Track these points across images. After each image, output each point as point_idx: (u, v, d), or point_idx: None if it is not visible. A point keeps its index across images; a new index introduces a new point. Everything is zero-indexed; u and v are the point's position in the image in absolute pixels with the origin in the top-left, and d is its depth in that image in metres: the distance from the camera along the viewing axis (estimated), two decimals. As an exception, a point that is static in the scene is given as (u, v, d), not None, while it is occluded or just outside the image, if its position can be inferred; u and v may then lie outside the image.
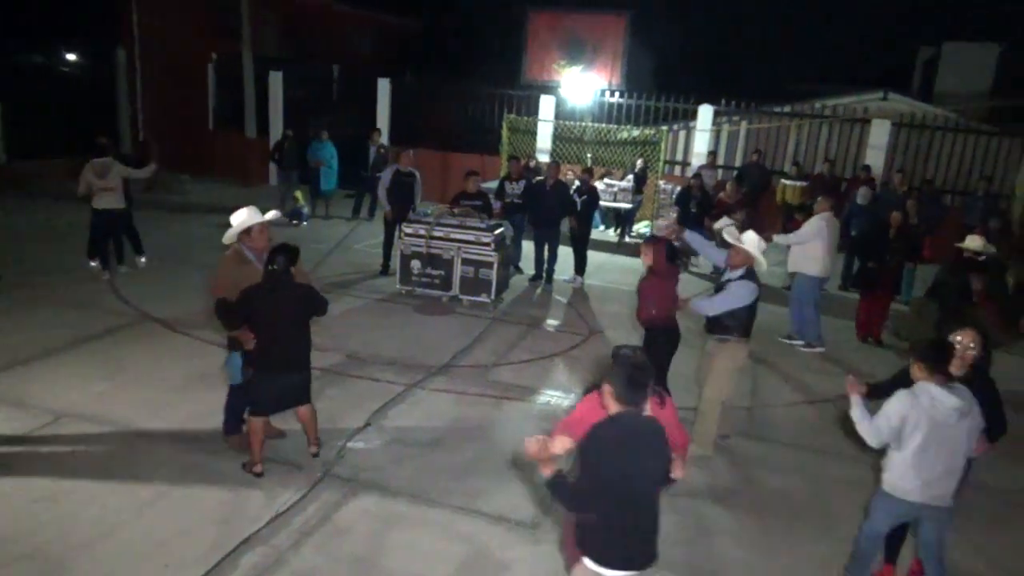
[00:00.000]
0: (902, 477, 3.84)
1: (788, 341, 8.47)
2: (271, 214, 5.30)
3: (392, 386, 6.56)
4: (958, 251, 8.12)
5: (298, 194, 13.10)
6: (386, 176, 9.94)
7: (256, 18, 16.77)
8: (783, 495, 5.32)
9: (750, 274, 5.44)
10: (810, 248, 8.19)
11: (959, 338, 4.12)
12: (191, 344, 7.15)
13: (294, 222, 12.72)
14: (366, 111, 16.40)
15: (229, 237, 5.09)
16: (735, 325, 5.51)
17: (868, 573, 4.22)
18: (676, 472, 3.27)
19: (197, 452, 5.23)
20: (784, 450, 5.97)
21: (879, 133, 14.21)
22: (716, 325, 5.60)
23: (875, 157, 14.07)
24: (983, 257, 7.77)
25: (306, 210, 13.09)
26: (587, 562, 3.12)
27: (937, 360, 3.79)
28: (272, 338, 4.78)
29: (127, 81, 17.17)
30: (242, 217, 5.05)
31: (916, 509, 3.90)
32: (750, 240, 5.41)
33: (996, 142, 14.23)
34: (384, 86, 16.45)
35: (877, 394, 4.22)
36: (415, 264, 9.02)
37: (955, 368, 3.92)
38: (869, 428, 3.86)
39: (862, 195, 11.14)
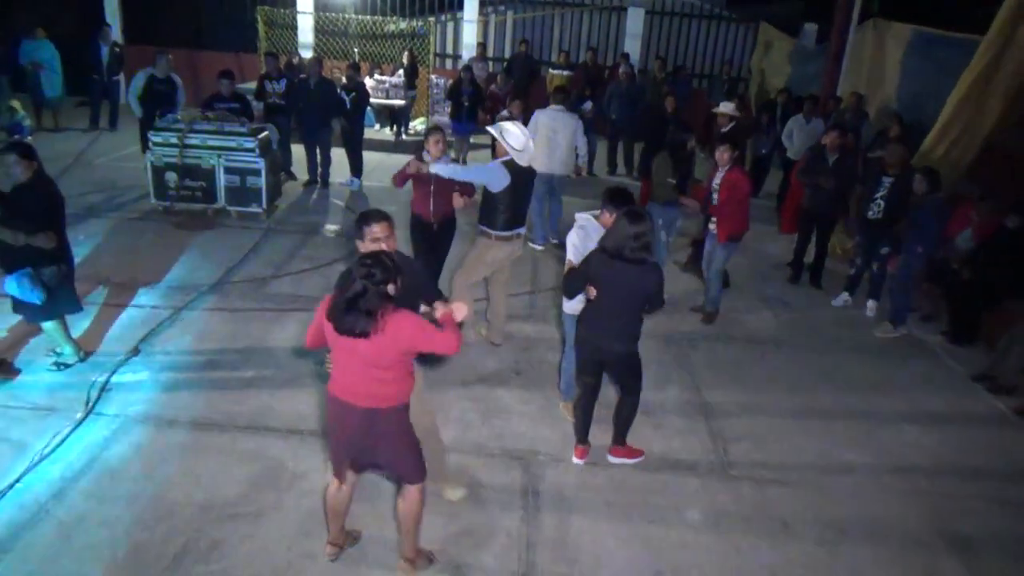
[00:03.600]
0: None
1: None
2: None
3: (157, 311, 6.02)
4: (712, 117, 8.77)
5: (15, 103, 11.17)
6: (137, 82, 8.76)
7: None
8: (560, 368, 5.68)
9: (511, 163, 5.35)
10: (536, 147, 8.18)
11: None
12: None
13: (15, 136, 10.93)
14: (90, 4, 14.15)
15: None
16: (486, 219, 5.53)
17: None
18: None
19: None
20: (558, 328, 6.34)
21: (635, 21, 14.89)
22: (479, 218, 5.64)
23: (633, 44, 14.80)
24: (733, 123, 8.44)
25: (28, 122, 11.25)
26: None
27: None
28: (63, 232, 4.79)
29: None
30: None
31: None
32: (512, 134, 5.33)
33: (735, 28, 15.52)
34: (110, -26, 14.25)
35: None
36: (170, 176, 8.17)
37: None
38: None
39: (626, 77, 11.78)
